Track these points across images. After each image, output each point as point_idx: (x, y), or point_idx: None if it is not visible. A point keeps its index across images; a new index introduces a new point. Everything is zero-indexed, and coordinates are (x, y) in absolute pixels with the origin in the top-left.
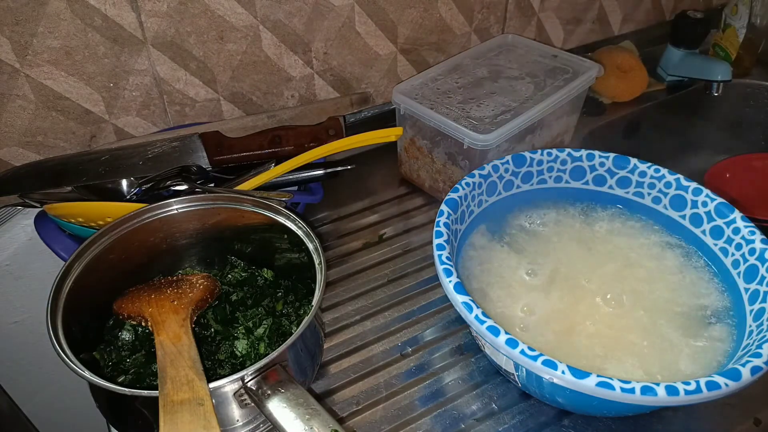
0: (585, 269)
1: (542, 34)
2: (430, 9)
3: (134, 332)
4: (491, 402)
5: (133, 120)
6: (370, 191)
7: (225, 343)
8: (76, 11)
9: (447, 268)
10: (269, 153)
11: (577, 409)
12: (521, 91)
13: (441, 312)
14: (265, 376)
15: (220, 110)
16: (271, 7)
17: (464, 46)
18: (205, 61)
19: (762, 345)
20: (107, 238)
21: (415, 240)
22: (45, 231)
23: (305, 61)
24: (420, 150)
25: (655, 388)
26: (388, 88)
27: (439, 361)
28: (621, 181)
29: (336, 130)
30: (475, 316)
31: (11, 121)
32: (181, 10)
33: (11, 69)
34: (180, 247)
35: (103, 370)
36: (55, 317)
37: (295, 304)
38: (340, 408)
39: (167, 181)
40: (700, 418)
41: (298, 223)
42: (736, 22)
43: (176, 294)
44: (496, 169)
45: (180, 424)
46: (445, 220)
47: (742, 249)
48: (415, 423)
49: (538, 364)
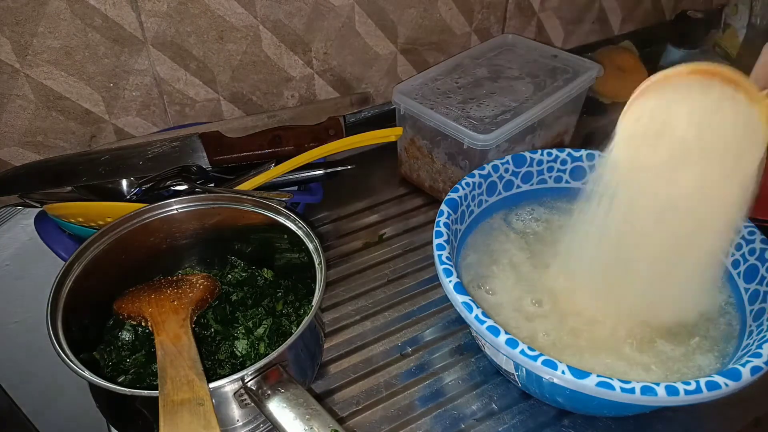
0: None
1: (542, 34)
2: (430, 9)
3: (134, 332)
4: (491, 402)
5: (133, 120)
6: (370, 191)
7: (225, 343)
8: (76, 11)
9: (447, 268)
10: (269, 153)
11: (577, 409)
12: (521, 91)
13: (441, 312)
14: (265, 376)
15: (220, 110)
16: (271, 7)
17: (464, 46)
18: (205, 61)
19: (762, 345)
20: (107, 238)
21: (415, 240)
22: (45, 231)
23: (305, 61)
24: (420, 150)
25: (655, 388)
26: (388, 88)
27: (439, 361)
28: None
29: (336, 130)
30: (475, 316)
31: (11, 121)
32: (181, 10)
33: (11, 69)
34: (180, 247)
35: (103, 370)
36: (55, 317)
37: (295, 304)
38: (340, 408)
39: (167, 181)
40: (700, 418)
41: (298, 223)
42: (736, 22)
43: (176, 294)
44: (496, 169)
45: (180, 424)
46: (445, 220)
47: (742, 249)
48: (415, 423)
49: (538, 364)
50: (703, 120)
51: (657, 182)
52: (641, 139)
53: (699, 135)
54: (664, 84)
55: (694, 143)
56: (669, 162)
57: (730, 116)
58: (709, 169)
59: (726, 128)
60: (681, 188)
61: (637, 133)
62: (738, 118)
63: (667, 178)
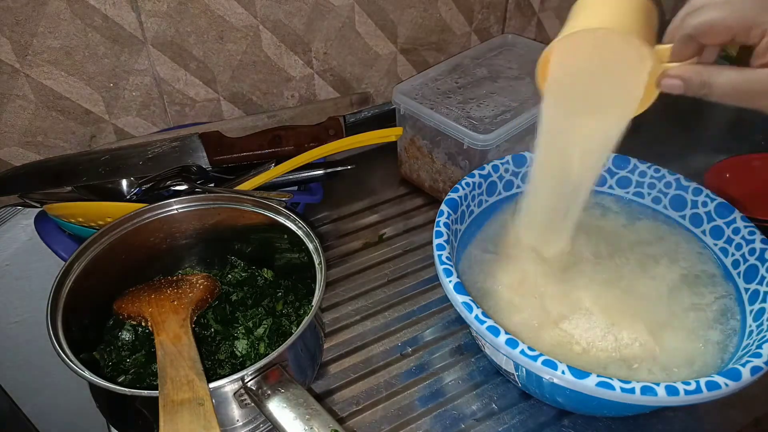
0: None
1: (542, 34)
2: (430, 9)
3: (134, 332)
4: (491, 402)
5: (133, 120)
6: (370, 191)
7: (225, 343)
8: (76, 11)
9: (447, 268)
10: (269, 153)
11: (577, 409)
12: (521, 91)
13: (441, 312)
14: (265, 376)
15: (220, 110)
16: (271, 7)
17: (464, 46)
18: (205, 61)
19: (762, 345)
20: (107, 238)
21: (415, 240)
22: (45, 231)
23: (305, 61)
24: (420, 150)
25: (655, 388)
26: (388, 88)
27: (439, 361)
28: (621, 181)
29: (336, 130)
30: (475, 316)
31: (11, 121)
32: (181, 10)
33: (11, 69)
34: (180, 247)
35: (103, 370)
36: (55, 317)
37: (295, 304)
38: (340, 408)
39: (167, 181)
40: (700, 418)
41: (298, 223)
42: None
43: (176, 294)
44: (496, 169)
45: (180, 424)
46: (445, 220)
47: (742, 249)
48: (415, 423)
49: (538, 364)
50: (600, 70)
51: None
52: (557, 86)
53: (596, 84)
54: (573, 40)
55: (593, 92)
56: (576, 109)
57: (623, 68)
58: (604, 116)
59: (618, 78)
60: (586, 130)
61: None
62: (628, 70)
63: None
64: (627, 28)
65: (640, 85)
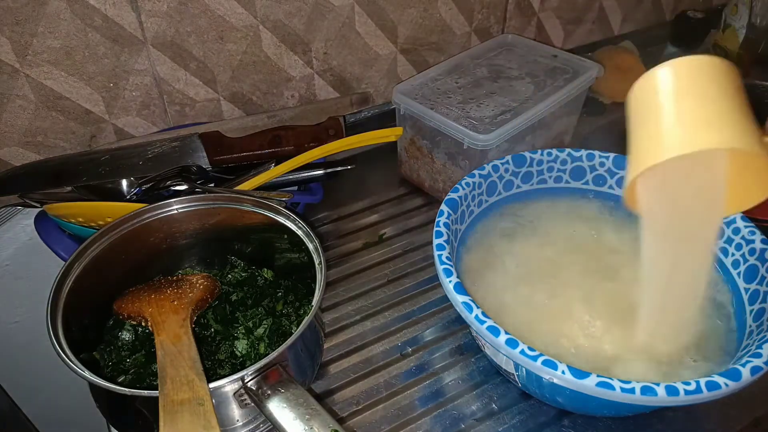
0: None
1: (542, 34)
2: (430, 9)
3: (134, 332)
4: (491, 402)
5: (133, 120)
6: (370, 191)
7: (225, 343)
8: (76, 11)
9: (447, 268)
10: (269, 153)
11: (577, 409)
12: (521, 91)
13: (441, 312)
14: (265, 376)
15: (220, 110)
16: (271, 7)
17: (464, 46)
18: (205, 61)
19: (762, 345)
20: (107, 238)
21: (415, 240)
22: (45, 231)
23: (305, 61)
24: (420, 150)
25: (655, 388)
26: (388, 88)
27: (439, 361)
28: (621, 181)
29: (336, 130)
30: (475, 316)
31: (11, 121)
32: (181, 10)
33: (11, 69)
34: (180, 247)
35: (103, 370)
36: (55, 317)
37: (295, 304)
38: (340, 408)
39: (167, 181)
40: (700, 418)
41: (298, 223)
42: (736, 22)
43: (176, 294)
44: (496, 169)
45: (180, 424)
46: (445, 220)
47: (742, 249)
48: (415, 423)
49: (538, 364)
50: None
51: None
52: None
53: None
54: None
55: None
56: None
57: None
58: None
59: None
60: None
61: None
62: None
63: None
64: (739, 137)
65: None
